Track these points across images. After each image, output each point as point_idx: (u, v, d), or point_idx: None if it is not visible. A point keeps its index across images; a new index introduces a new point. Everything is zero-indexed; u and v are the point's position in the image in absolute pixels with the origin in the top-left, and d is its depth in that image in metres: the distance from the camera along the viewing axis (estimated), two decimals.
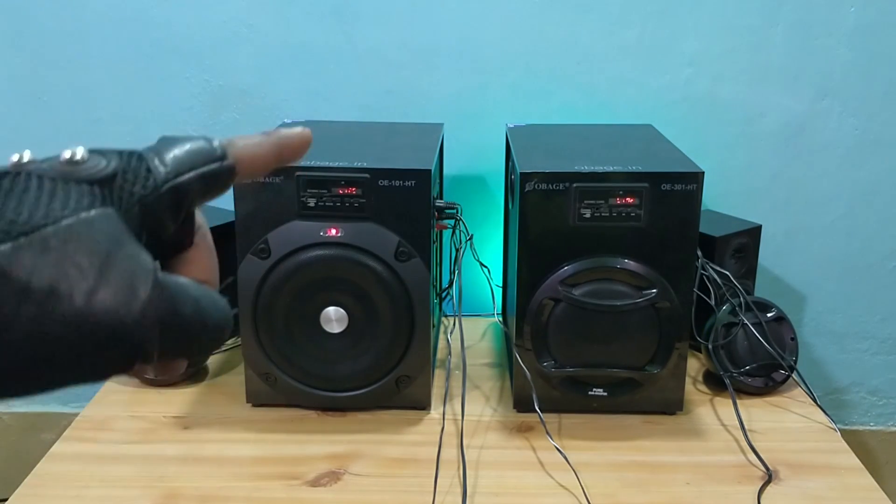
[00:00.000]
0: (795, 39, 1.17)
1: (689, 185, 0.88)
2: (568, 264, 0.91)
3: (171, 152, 0.33)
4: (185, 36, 1.17)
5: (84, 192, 0.29)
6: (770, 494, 0.84)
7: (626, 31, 1.17)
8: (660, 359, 0.93)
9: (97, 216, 0.29)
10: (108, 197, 0.30)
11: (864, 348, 1.33)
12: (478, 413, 0.99)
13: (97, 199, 0.30)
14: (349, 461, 0.89)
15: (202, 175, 0.33)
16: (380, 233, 0.90)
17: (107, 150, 0.31)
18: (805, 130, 1.21)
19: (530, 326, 0.92)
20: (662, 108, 1.20)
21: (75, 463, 0.89)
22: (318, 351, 0.93)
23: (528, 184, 0.88)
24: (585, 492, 0.83)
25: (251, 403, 0.98)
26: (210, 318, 0.31)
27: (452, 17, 1.16)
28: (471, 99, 1.20)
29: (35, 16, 1.17)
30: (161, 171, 0.32)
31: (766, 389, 1.02)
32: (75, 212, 0.29)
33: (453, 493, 0.83)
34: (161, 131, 1.21)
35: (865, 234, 1.26)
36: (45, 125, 1.22)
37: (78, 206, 0.29)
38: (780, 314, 1.04)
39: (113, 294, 0.28)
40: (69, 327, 0.28)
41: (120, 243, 0.29)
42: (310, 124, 1.11)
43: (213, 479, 0.86)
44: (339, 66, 1.19)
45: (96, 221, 0.29)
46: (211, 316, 0.32)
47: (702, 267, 1.04)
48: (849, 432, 1.34)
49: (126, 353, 0.29)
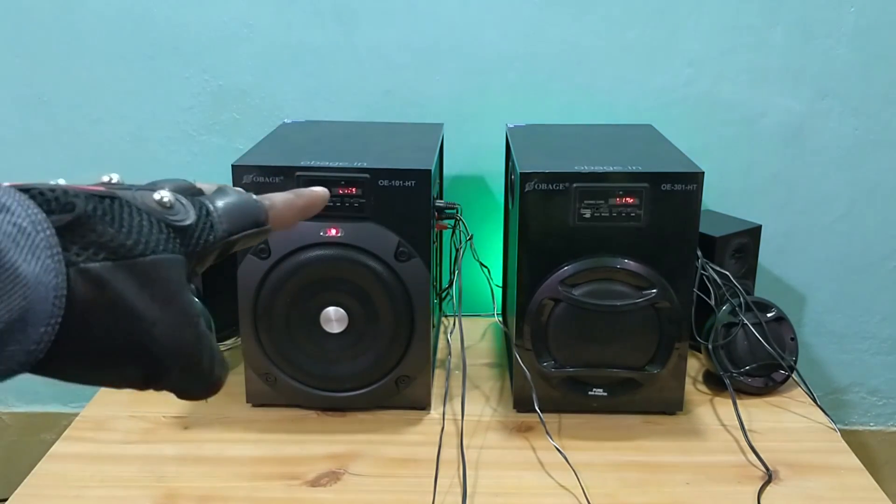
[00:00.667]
0: (795, 39, 1.17)
1: (689, 185, 0.88)
2: (568, 264, 0.91)
3: (229, 212, 0.39)
4: (185, 36, 1.17)
5: (169, 235, 0.35)
6: (770, 494, 0.84)
7: (626, 31, 1.17)
8: (660, 359, 0.93)
9: (174, 260, 0.35)
10: (181, 244, 0.36)
11: (864, 348, 1.33)
12: (478, 413, 0.99)
13: (177, 246, 0.36)
14: (349, 461, 0.89)
15: (248, 236, 0.40)
16: (380, 233, 0.90)
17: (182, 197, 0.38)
18: (805, 130, 1.21)
19: (530, 326, 0.92)
20: (662, 108, 1.20)
21: (75, 463, 0.89)
22: (318, 351, 0.93)
23: (528, 184, 0.88)
24: (585, 492, 0.83)
25: (251, 403, 0.98)
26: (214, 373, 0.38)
27: (452, 17, 1.16)
28: (471, 99, 1.20)
29: (35, 16, 1.17)
30: (220, 229, 0.38)
31: (766, 389, 1.02)
32: (164, 251, 0.35)
33: (453, 493, 0.83)
34: (161, 131, 1.21)
35: (865, 234, 1.26)
36: (45, 125, 1.22)
37: (165, 247, 0.35)
38: (780, 314, 1.04)
39: (168, 327, 0.35)
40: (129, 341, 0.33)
41: (183, 287, 0.36)
42: (310, 124, 1.12)
43: (212, 479, 0.86)
44: (339, 66, 1.19)
45: (174, 265, 0.35)
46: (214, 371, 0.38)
47: (702, 267, 1.04)
48: (849, 432, 1.34)
49: (151, 375, 0.35)
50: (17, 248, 0.29)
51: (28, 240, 0.29)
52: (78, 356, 0.33)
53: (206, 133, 1.22)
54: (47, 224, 0.31)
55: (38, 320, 0.30)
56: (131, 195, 0.35)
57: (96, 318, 0.32)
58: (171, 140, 1.22)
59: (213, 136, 1.22)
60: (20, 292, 0.29)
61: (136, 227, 0.34)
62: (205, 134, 1.22)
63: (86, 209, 0.32)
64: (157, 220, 0.35)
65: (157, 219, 0.35)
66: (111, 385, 0.36)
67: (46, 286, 0.30)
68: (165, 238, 0.35)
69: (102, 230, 0.32)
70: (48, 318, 0.30)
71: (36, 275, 0.29)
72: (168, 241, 0.35)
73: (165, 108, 1.21)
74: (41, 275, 0.30)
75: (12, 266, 0.28)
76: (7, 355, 0.30)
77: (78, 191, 0.33)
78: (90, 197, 0.33)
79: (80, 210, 0.32)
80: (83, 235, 0.32)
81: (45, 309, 0.30)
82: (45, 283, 0.30)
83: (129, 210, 0.34)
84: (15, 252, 0.29)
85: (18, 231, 0.29)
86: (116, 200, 0.34)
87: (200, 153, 1.23)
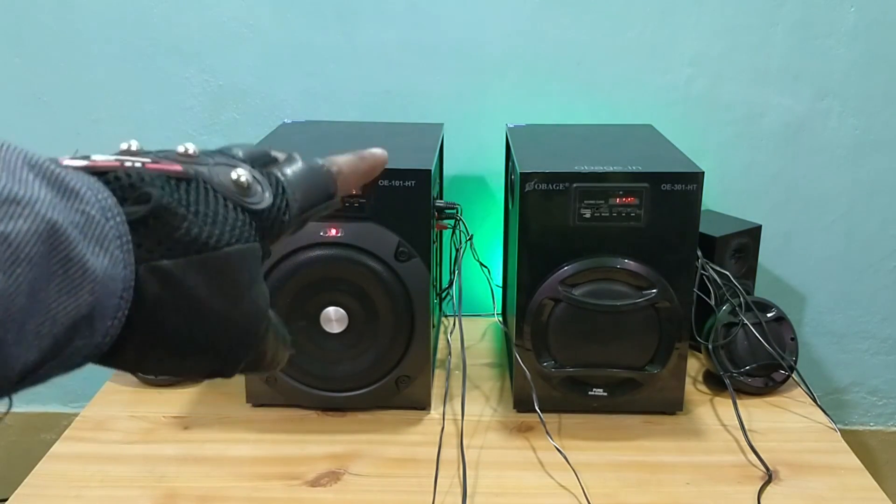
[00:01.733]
0: (795, 39, 1.17)
1: (689, 185, 0.88)
2: (568, 264, 0.91)
3: (302, 186, 0.37)
4: (185, 36, 1.17)
5: (245, 221, 0.33)
6: (770, 494, 0.84)
7: (626, 31, 1.17)
8: (660, 359, 0.93)
9: (248, 250, 0.33)
10: (258, 229, 0.34)
11: (864, 348, 1.33)
12: (478, 413, 0.99)
13: (252, 233, 0.34)
14: (349, 461, 0.89)
15: (319, 210, 0.39)
16: (380, 233, 0.90)
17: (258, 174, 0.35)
18: (805, 130, 1.21)
19: (530, 326, 0.92)
20: (662, 108, 1.20)
21: (75, 463, 0.89)
22: (318, 351, 0.93)
23: (528, 184, 0.88)
24: (585, 492, 0.83)
25: (251, 403, 0.98)
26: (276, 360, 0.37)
27: (452, 17, 1.16)
28: (471, 99, 1.20)
29: (35, 16, 1.17)
30: (295, 207, 0.37)
31: (766, 389, 1.02)
32: (238, 241, 0.33)
33: (453, 493, 0.83)
34: (161, 131, 1.21)
35: (865, 234, 1.26)
36: (45, 125, 1.22)
37: (240, 236, 0.33)
38: (780, 314, 1.04)
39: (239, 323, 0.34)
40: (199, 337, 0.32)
41: (256, 279, 0.34)
42: (310, 124, 1.12)
43: (212, 479, 0.86)
44: (339, 66, 1.19)
45: (248, 255, 0.33)
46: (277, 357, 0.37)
47: (702, 267, 1.04)
48: (849, 432, 1.34)
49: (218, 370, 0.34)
50: (85, 238, 0.28)
51: (98, 229, 0.28)
52: (144, 350, 0.32)
53: (206, 133, 1.22)
54: (118, 210, 0.29)
55: (106, 314, 0.29)
56: (208, 173, 0.33)
57: (165, 314, 0.31)
58: (171, 140, 1.22)
59: (213, 136, 1.22)
60: (88, 287, 0.28)
61: (211, 215, 0.32)
62: (205, 134, 1.22)
63: (161, 200, 0.31)
64: (234, 203, 0.33)
65: (234, 202, 0.33)
66: (178, 375, 0.34)
67: (115, 279, 0.29)
68: (241, 224, 0.33)
69: (177, 224, 0.31)
70: (115, 312, 0.29)
71: (105, 268, 0.28)
72: (244, 228, 0.33)
73: (165, 108, 1.21)
74: (110, 268, 0.29)
75: (80, 260, 0.27)
76: (73, 350, 0.29)
77: (156, 174, 0.31)
78: (167, 182, 0.31)
79: (156, 201, 0.30)
80: (156, 229, 0.30)
81: (113, 303, 0.29)
82: (114, 277, 0.29)
83: (206, 194, 0.32)
84: (83, 244, 0.28)
85: (87, 220, 0.28)
86: (193, 183, 0.32)
87: None
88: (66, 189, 0.28)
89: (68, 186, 0.28)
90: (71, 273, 0.27)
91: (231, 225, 0.33)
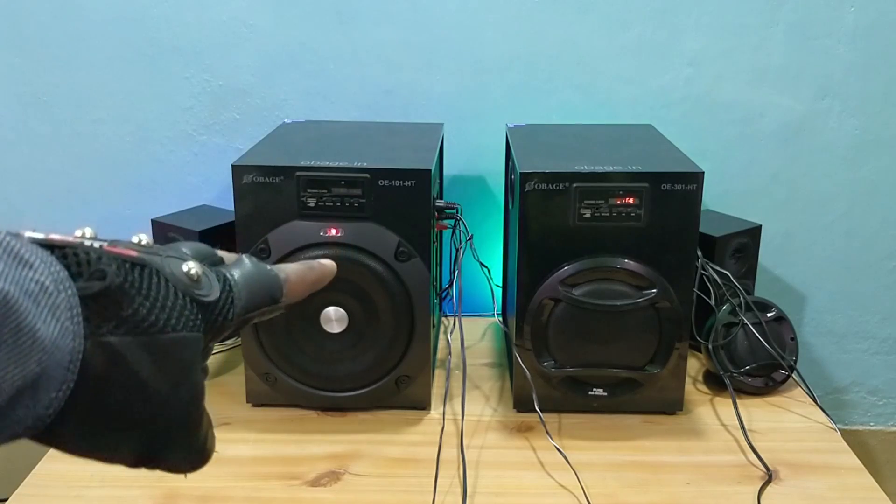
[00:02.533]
0: (795, 39, 1.17)
1: (689, 185, 0.88)
2: (568, 264, 0.91)
3: (249, 287, 0.39)
4: (185, 36, 1.17)
5: (192, 311, 0.35)
6: (770, 494, 0.84)
7: (626, 31, 1.17)
8: (660, 359, 0.93)
9: (193, 339, 0.35)
10: (202, 320, 0.36)
11: (864, 348, 1.33)
12: (478, 413, 0.99)
13: (199, 323, 0.35)
14: (349, 461, 0.89)
15: (263, 313, 0.41)
16: (380, 233, 0.90)
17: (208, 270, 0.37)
18: (805, 130, 1.21)
19: (530, 326, 0.92)
20: (662, 108, 1.20)
21: (75, 463, 0.88)
22: (318, 351, 0.93)
23: (528, 184, 0.88)
24: (585, 492, 0.83)
25: (251, 403, 0.98)
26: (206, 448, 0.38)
27: (452, 17, 1.16)
28: (471, 99, 1.20)
29: (35, 16, 1.17)
30: (239, 306, 0.38)
31: (766, 389, 1.02)
32: (184, 328, 0.34)
33: (453, 493, 0.83)
34: (161, 131, 1.21)
35: (865, 234, 1.26)
36: (45, 125, 1.22)
37: (186, 324, 0.34)
38: (780, 314, 1.04)
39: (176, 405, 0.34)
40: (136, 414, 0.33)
41: (196, 365, 0.35)
42: (310, 124, 1.12)
43: (213, 479, 0.86)
44: (339, 66, 1.19)
45: (192, 343, 0.35)
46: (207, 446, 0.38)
47: (702, 267, 1.04)
48: (849, 432, 1.34)
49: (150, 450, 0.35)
50: (37, 307, 0.28)
51: (49, 299, 0.29)
52: (81, 425, 0.32)
53: (206, 133, 1.22)
54: (69, 283, 0.30)
55: (51, 385, 0.29)
56: (161, 262, 0.35)
57: (109, 389, 0.32)
58: (171, 140, 1.22)
59: (213, 136, 1.22)
60: (37, 357, 0.28)
61: (161, 300, 0.33)
62: (205, 134, 1.22)
63: (116, 279, 0.32)
64: (182, 293, 0.35)
65: (183, 292, 0.35)
66: (104, 459, 0.35)
67: (63, 350, 0.29)
68: (189, 314, 0.35)
69: (128, 304, 0.32)
70: (61, 384, 0.30)
71: (54, 338, 0.29)
72: (190, 318, 0.35)
73: (165, 108, 1.21)
74: (59, 338, 0.29)
75: (31, 329, 0.28)
76: (14, 419, 0.29)
77: (113, 255, 0.33)
78: (123, 264, 0.33)
79: (110, 280, 0.31)
80: (108, 307, 0.31)
81: (60, 374, 0.29)
82: (62, 347, 0.29)
83: (158, 281, 0.34)
84: (35, 313, 0.28)
85: (40, 289, 0.28)
86: (147, 269, 0.34)
87: (200, 153, 1.23)
88: (19, 259, 0.28)
89: (21, 258, 0.28)
90: (20, 342, 0.27)
91: (179, 312, 0.34)
